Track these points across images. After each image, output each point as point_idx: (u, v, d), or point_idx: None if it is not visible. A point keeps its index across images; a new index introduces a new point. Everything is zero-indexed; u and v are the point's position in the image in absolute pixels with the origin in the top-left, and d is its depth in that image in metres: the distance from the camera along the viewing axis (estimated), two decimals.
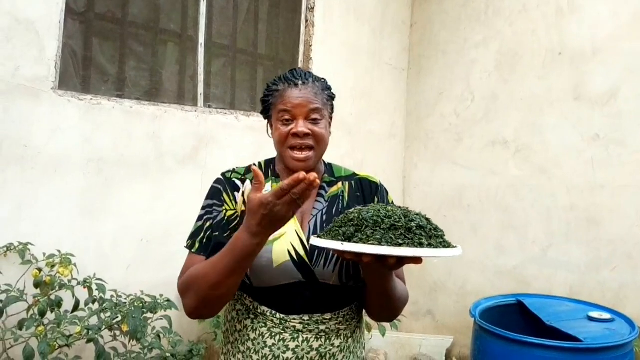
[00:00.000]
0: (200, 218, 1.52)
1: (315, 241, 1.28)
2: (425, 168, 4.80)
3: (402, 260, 1.23)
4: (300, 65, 4.19)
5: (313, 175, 1.15)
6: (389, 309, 1.54)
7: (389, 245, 1.19)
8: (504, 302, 3.08)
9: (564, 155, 3.89)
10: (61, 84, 2.96)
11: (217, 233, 1.48)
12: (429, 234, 1.26)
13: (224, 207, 1.51)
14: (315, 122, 1.50)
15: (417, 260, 1.23)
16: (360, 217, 1.27)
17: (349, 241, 1.22)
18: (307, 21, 4.21)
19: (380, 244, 1.19)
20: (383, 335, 3.49)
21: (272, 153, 1.71)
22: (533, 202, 4.05)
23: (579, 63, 3.85)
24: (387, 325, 3.49)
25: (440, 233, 1.29)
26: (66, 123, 2.94)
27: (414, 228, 1.25)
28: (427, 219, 1.31)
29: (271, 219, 1.21)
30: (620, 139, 3.62)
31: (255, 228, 1.23)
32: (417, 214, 1.31)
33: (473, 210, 4.39)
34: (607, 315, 2.80)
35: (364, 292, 1.54)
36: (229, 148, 3.60)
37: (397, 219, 1.25)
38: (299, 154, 1.48)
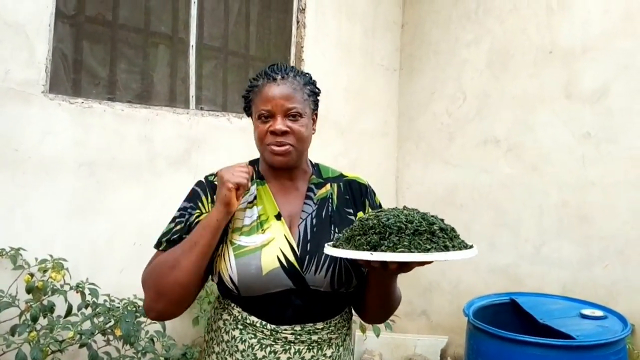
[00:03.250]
0: (173, 220, 1.50)
1: (338, 252, 1.25)
2: (417, 167, 4.80)
3: (424, 263, 1.22)
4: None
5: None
6: (388, 308, 1.55)
7: (419, 251, 1.19)
8: (497, 301, 3.08)
9: (555, 153, 3.90)
10: (52, 87, 2.95)
11: (186, 235, 1.44)
12: (450, 235, 1.27)
13: (197, 211, 1.48)
14: (294, 118, 1.46)
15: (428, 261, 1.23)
16: (382, 224, 1.25)
17: (376, 250, 1.21)
18: (298, 22, 4.20)
19: (410, 250, 1.19)
20: (377, 336, 3.50)
21: None
22: (525, 200, 4.06)
23: (570, 61, 3.86)
24: (381, 326, 3.49)
25: (457, 234, 1.31)
26: (57, 126, 2.93)
27: (437, 231, 1.25)
28: (442, 220, 1.32)
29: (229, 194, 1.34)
30: (611, 137, 3.63)
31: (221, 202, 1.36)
32: (433, 216, 1.31)
33: (465, 209, 4.39)
34: (599, 313, 2.81)
35: (363, 295, 1.52)
36: (221, 150, 3.59)
37: (419, 223, 1.25)
38: (277, 148, 1.44)
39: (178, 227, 1.46)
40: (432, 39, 4.74)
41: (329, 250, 1.29)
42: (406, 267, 1.24)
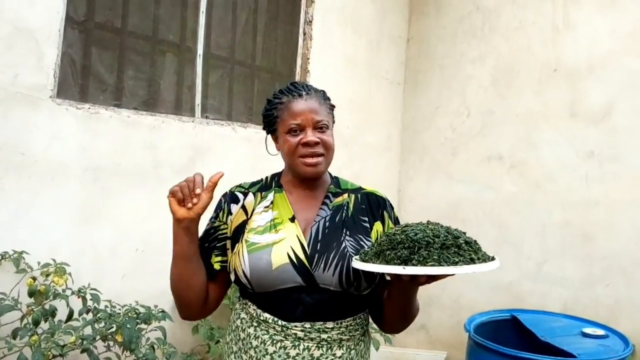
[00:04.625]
0: (206, 231, 1.65)
1: (369, 267, 1.31)
2: (420, 181, 4.81)
3: (448, 275, 1.27)
4: (297, 77, 4.21)
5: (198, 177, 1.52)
6: (408, 317, 1.59)
7: (448, 265, 1.24)
8: (498, 317, 3.09)
9: (559, 171, 3.91)
10: (59, 92, 2.96)
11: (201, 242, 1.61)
12: (474, 248, 1.32)
13: (217, 221, 1.63)
14: (322, 130, 1.55)
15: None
16: (410, 239, 1.30)
17: (406, 264, 1.26)
18: (305, 34, 4.23)
19: (440, 264, 1.24)
20: (377, 349, 3.48)
21: (269, 164, 1.72)
22: (528, 217, 4.06)
23: (575, 79, 3.88)
24: (380, 339, 3.48)
25: (480, 246, 1.36)
26: (64, 131, 2.93)
27: (463, 244, 1.31)
28: (464, 233, 1.37)
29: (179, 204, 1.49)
30: (615, 156, 3.64)
31: (176, 218, 1.50)
32: (456, 230, 1.37)
33: (468, 225, 4.39)
34: (601, 332, 2.81)
35: (382, 305, 1.58)
36: (225, 159, 3.60)
37: (445, 238, 1.31)
38: (310, 160, 1.52)
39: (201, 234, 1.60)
40: (438, 54, 4.76)
41: (359, 264, 1.34)
42: (432, 279, 1.30)
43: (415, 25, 4.97)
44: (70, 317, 2.62)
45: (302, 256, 1.47)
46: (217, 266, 1.58)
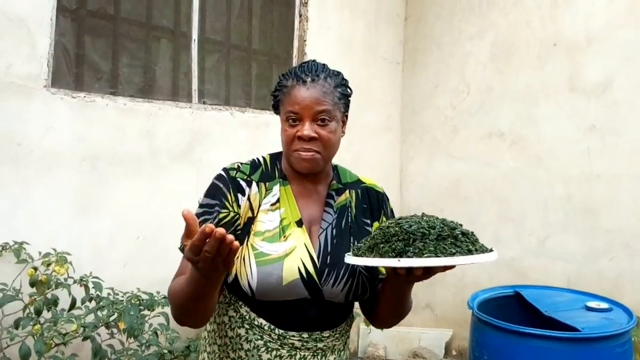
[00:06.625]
0: (197, 216, 1.31)
1: (363, 261, 1.25)
2: (421, 161, 4.79)
3: (447, 268, 1.22)
4: (294, 60, 4.18)
5: (219, 232, 1.03)
6: (401, 314, 1.54)
7: (445, 256, 1.19)
8: (501, 294, 3.07)
9: (560, 146, 3.88)
10: (54, 81, 2.95)
11: None
12: (471, 239, 1.27)
13: (224, 211, 1.41)
14: (323, 123, 1.42)
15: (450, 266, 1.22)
16: (405, 231, 1.25)
17: (402, 256, 1.21)
18: (301, 16, 4.19)
19: (436, 255, 1.19)
20: (382, 329, 3.49)
21: (267, 148, 1.68)
22: (530, 193, 4.05)
23: (574, 53, 3.84)
24: None
25: (477, 237, 1.31)
26: (59, 121, 2.93)
27: (459, 235, 1.26)
28: (461, 225, 1.32)
29: (204, 269, 1.12)
30: (616, 129, 3.61)
31: (199, 272, 1.16)
32: (452, 222, 1.31)
33: (470, 203, 4.38)
34: (605, 305, 2.79)
35: (376, 303, 1.52)
36: (223, 144, 3.58)
37: (441, 229, 1.26)
38: (304, 154, 1.41)
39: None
40: (436, 32, 4.71)
41: (352, 259, 1.28)
42: (429, 273, 1.24)
43: (412, 3, 4.92)
44: (73, 305, 2.63)
45: (311, 270, 1.39)
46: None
